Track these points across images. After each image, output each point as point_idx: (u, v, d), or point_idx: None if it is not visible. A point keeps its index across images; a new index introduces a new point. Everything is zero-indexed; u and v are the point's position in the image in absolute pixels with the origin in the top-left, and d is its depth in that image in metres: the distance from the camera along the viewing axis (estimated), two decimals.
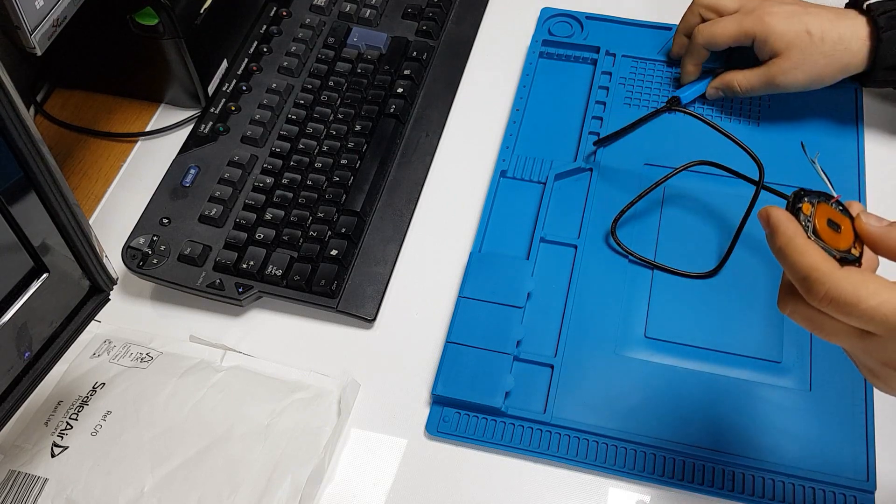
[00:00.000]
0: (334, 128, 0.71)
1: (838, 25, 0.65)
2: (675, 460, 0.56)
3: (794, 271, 0.39)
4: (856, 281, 0.38)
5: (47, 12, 0.60)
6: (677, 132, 0.72)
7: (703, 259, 0.65)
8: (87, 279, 0.48)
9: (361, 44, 0.78)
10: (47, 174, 0.42)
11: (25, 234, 0.43)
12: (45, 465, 0.56)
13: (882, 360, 0.39)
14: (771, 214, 0.41)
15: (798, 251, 0.39)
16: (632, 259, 0.65)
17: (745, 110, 0.73)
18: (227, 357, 0.61)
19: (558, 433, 0.58)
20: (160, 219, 0.66)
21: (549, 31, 0.79)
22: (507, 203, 0.69)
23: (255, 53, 0.77)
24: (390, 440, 0.59)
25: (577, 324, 0.62)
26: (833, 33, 0.65)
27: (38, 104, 0.79)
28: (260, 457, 0.55)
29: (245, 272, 0.63)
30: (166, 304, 0.66)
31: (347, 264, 0.65)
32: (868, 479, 0.55)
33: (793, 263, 0.39)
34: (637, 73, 0.76)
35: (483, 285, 0.63)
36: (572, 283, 0.64)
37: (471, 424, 0.58)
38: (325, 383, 0.60)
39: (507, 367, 0.59)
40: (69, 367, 0.61)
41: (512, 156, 0.71)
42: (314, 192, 0.67)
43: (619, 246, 0.65)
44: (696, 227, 0.67)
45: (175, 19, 0.69)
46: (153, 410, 0.58)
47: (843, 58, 0.65)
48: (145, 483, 0.55)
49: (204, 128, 0.72)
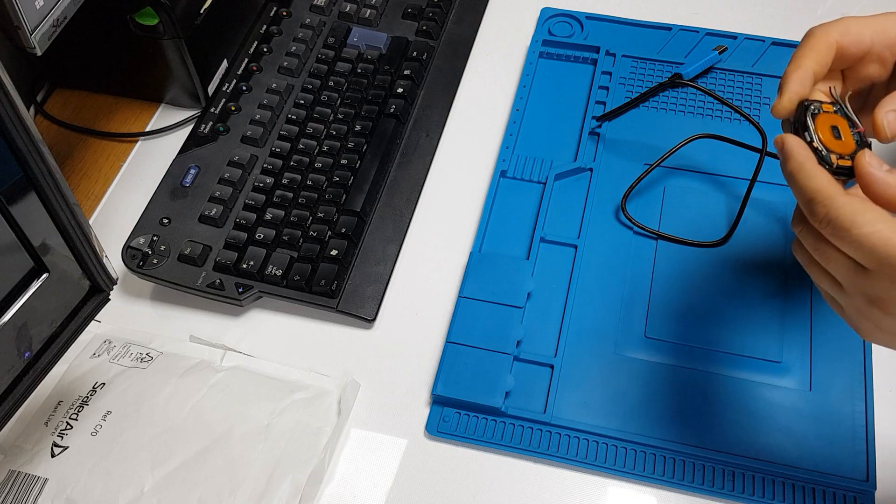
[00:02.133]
0: (334, 128, 0.71)
1: None
2: (675, 460, 0.56)
3: (801, 194, 0.41)
4: (855, 207, 0.39)
5: (47, 12, 0.60)
6: (677, 131, 0.72)
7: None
8: (87, 279, 0.48)
9: (361, 44, 0.78)
10: (47, 174, 0.42)
11: (25, 234, 0.43)
12: (45, 465, 0.56)
13: (871, 296, 0.40)
14: (786, 141, 0.42)
15: (807, 175, 0.41)
16: (637, 230, 0.66)
17: (745, 111, 0.73)
18: (227, 357, 0.61)
19: (558, 433, 0.58)
20: (160, 219, 0.66)
21: (549, 31, 0.79)
22: (507, 203, 0.69)
23: (256, 53, 0.77)
24: (390, 440, 0.59)
25: (577, 324, 0.62)
26: None
27: (38, 104, 0.79)
28: (260, 457, 0.55)
29: (245, 272, 0.63)
30: (166, 304, 0.66)
31: (347, 264, 0.65)
32: (868, 479, 0.55)
33: (801, 187, 0.41)
34: (637, 73, 0.76)
35: (483, 285, 0.63)
36: (572, 283, 0.64)
37: (471, 424, 0.58)
38: (325, 383, 0.60)
39: (507, 367, 0.59)
40: (69, 367, 0.61)
41: (512, 156, 0.71)
42: (314, 192, 0.67)
43: (629, 220, 0.66)
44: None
45: (175, 19, 0.69)
46: (153, 410, 0.58)
47: None
48: (145, 483, 0.55)
49: (204, 128, 0.72)
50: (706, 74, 0.75)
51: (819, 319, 0.62)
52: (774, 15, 0.82)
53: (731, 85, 0.75)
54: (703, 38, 0.78)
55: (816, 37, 0.45)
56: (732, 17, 0.81)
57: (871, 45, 0.45)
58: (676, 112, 0.74)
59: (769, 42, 0.77)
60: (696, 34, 0.78)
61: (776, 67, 0.76)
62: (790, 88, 0.44)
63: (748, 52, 0.77)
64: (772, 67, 0.76)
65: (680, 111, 0.74)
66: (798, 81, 0.44)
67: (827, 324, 0.61)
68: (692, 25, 0.79)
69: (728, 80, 0.75)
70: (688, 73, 0.73)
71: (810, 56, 0.44)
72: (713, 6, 0.82)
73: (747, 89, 0.75)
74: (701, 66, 0.74)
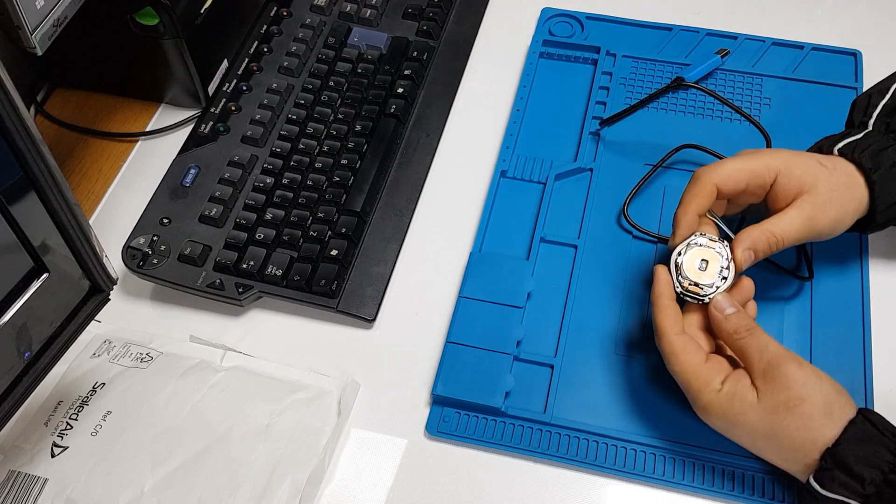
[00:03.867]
0: (334, 128, 0.71)
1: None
2: (675, 460, 0.56)
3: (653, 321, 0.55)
4: (675, 347, 0.53)
5: (48, 12, 0.60)
6: (677, 132, 0.72)
7: None
8: (87, 279, 0.48)
9: (362, 44, 0.78)
10: (47, 174, 0.42)
11: (25, 234, 0.43)
12: (45, 465, 0.56)
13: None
14: (656, 271, 0.56)
15: (657, 308, 0.55)
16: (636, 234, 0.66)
17: (746, 97, 0.73)
18: (227, 357, 0.61)
19: (558, 433, 0.58)
20: (160, 219, 0.66)
21: (550, 32, 0.79)
22: (507, 203, 0.69)
23: (256, 53, 0.77)
24: (390, 440, 0.59)
25: (577, 324, 0.62)
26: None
27: (38, 104, 0.79)
28: (260, 457, 0.55)
29: (245, 272, 0.63)
30: (166, 304, 0.66)
31: (347, 264, 0.65)
32: None
33: (653, 316, 0.56)
34: (637, 73, 0.76)
35: (483, 285, 0.63)
36: (572, 283, 0.64)
37: (471, 424, 0.58)
38: (325, 383, 0.60)
39: (507, 367, 0.59)
40: (69, 367, 0.61)
41: (512, 156, 0.71)
42: (314, 192, 0.67)
43: (631, 225, 0.66)
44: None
45: (175, 19, 0.69)
46: (153, 410, 0.58)
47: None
48: (145, 483, 0.55)
49: (204, 128, 0.72)
50: (706, 75, 0.75)
51: (819, 319, 0.62)
52: (774, 15, 0.82)
53: (731, 85, 0.75)
54: (704, 39, 0.78)
55: (700, 183, 0.56)
56: (732, 17, 0.81)
57: (746, 185, 0.56)
58: (677, 112, 0.74)
59: (769, 42, 0.77)
60: (697, 34, 0.78)
61: (776, 68, 0.76)
62: (679, 233, 0.57)
63: (748, 53, 0.77)
64: (772, 68, 0.76)
65: (681, 112, 0.74)
66: (686, 227, 0.56)
67: (827, 324, 0.61)
68: (692, 26, 0.79)
69: (728, 81, 0.75)
70: (690, 77, 0.73)
71: (695, 202, 0.56)
72: (713, 6, 0.82)
73: (748, 90, 0.75)
74: (703, 69, 0.74)
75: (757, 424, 0.51)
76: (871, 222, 0.58)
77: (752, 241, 0.55)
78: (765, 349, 0.52)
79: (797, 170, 0.55)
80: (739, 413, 0.51)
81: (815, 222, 0.55)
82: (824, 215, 0.55)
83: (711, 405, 0.52)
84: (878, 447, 0.48)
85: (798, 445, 0.50)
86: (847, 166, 0.57)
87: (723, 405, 0.52)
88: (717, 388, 0.52)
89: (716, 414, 0.52)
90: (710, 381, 0.52)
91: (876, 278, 0.64)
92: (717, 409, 0.52)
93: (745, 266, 0.55)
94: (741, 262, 0.55)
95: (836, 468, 0.48)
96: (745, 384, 0.51)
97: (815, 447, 0.49)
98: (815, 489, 0.49)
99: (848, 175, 0.56)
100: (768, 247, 0.55)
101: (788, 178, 0.55)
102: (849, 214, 0.56)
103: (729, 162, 0.56)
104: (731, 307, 0.54)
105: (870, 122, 0.60)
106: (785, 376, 0.50)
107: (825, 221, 0.55)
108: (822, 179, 0.55)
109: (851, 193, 0.56)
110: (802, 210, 0.55)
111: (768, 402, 0.50)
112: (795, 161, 0.56)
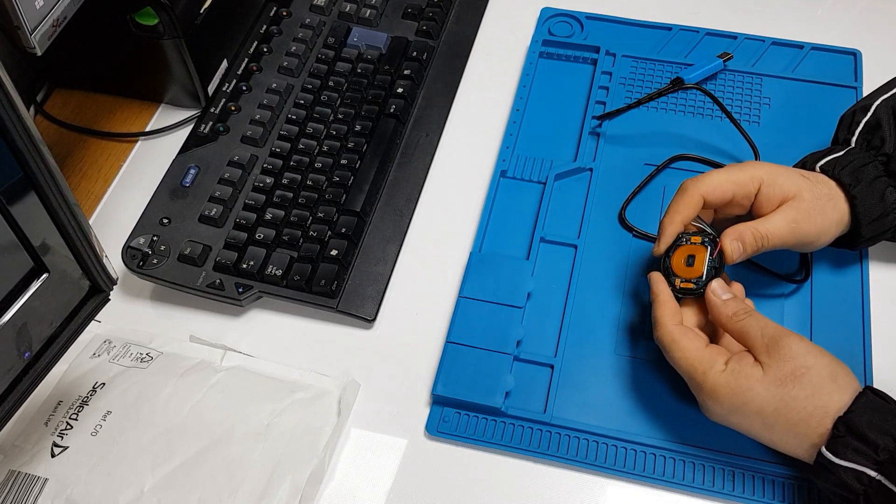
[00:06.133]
0: (334, 128, 0.71)
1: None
2: (675, 460, 0.56)
3: (652, 317, 0.56)
4: (675, 336, 0.54)
5: (47, 12, 0.60)
6: (677, 132, 0.72)
7: None
8: (87, 279, 0.48)
9: (361, 44, 0.78)
10: (47, 174, 0.42)
11: (25, 234, 0.43)
12: (45, 465, 0.56)
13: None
14: (651, 278, 0.58)
15: (656, 304, 0.56)
16: (636, 233, 0.66)
17: (745, 111, 0.73)
18: (227, 357, 0.61)
19: (558, 433, 0.58)
20: (160, 219, 0.66)
21: (549, 31, 0.79)
22: (507, 203, 0.69)
23: (255, 53, 0.77)
24: (390, 440, 0.59)
25: (577, 324, 0.62)
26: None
27: (38, 104, 0.79)
28: (260, 457, 0.55)
29: (245, 272, 0.63)
30: (166, 304, 0.66)
31: (347, 264, 0.65)
32: None
33: (652, 312, 0.56)
34: (637, 73, 0.76)
35: (483, 285, 0.63)
36: (572, 283, 0.64)
37: (471, 424, 0.58)
38: (325, 383, 0.60)
39: (507, 367, 0.59)
40: (69, 367, 0.61)
41: (512, 156, 0.71)
42: (314, 192, 0.67)
43: (630, 227, 0.66)
44: None
45: (175, 19, 0.69)
46: (153, 410, 0.58)
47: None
48: (145, 483, 0.55)
49: (204, 128, 0.72)
50: (712, 59, 0.75)
51: (819, 320, 0.62)
52: (774, 15, 0.82)
53: (730, 85, 0.75)
54: (704, 39, 0.78)
55: (687, 193, 0.58)
56: (732, 17, 0.81)
57: (732, 195, 0.58)
58: (676, 112, 0.74)
59: (769, 42, 0.77)
60: (697, 34, 0.78)
61: (776, 67, 0.76)
62: (664, 241, 0.58)
63: (748, 52, 0.77)
64: (772, 67, 0.76)
65: (680, 111, 0.74)
66: (671, 235, 0.58)
67: (827, 324, 0.61)
68: (692, 25, 0.79)
69: (728, 80, 0.75)
70: (691, 79, 0.73)
71: (682, 212, 0.58)
72: (713, 6, 0.82)
73: (747, 90, 0.75)
74: (704, 72, 0.74)
75: (766, 398, 0.51)
76: (858, 237, 0.60)
77: (738, 234, 0.56)
78: (765, 327, 0.53)
79: (780, 178, 0.57)
80: (747, 389, 0.51)
81: (799, 226, 0.57)
82: (808, 221, 0.57)
83: (718, 385, 0.52)
84: (888, 416, 0.49)
85: (808, 416, 0.50)
86: (828, 182, 0.59)
87: (730, 383, 0.52)
88: (721, 368, 0.52)
89: (724, 394, 0.52)
90: (714, 363, 0.53)
91: (876, 278, 0.64)
92: (724, 388, 0.52)
93: (734, 257, 0.56)
94: (730, 252, 0.56)
95: (848, 435, 0.48)
96: (749, 361, 0.52)
97: (828, 415, 0.50)
98: (829, 458, 0.49)
99: (829, 188, 0.59)
100: (754, 241, 0.56)
101: (772, 188, 0.57)
102: (833, 224, 0.58)
103: (715, 173, 0.58)
104: (727, 293, 0.55)
105: (852, 139, 0.62)
106: (788, 347, 0.51)
107: (809, 227, 0.57)
108: (806, 188, 0.57)
109: (833, 204, 0.58)
110: (787, 214, 0.57)
111: (775, 374, 0.51)
112: (778, 171, 0.58)
